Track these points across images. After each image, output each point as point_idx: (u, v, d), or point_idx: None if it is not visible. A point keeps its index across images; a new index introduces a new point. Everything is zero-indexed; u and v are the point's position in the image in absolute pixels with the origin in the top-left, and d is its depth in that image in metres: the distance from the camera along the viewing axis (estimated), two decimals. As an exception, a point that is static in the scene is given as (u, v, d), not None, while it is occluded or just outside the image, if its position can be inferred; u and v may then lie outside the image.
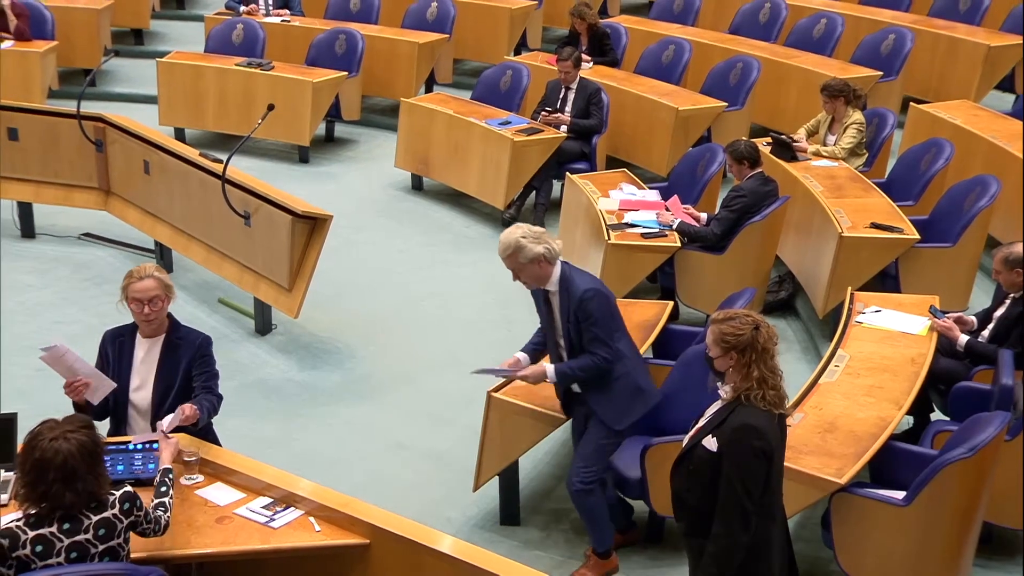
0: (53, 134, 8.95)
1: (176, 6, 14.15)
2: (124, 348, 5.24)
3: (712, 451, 4.18)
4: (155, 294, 5.12)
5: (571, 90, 9.72)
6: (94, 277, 8.67)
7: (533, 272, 5.47)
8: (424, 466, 6.57)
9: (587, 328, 5.44)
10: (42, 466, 3.96)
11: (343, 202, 8.56)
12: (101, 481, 4.09)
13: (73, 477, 3.97)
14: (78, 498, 4.00)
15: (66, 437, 4.00)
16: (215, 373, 5.30)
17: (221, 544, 4.56)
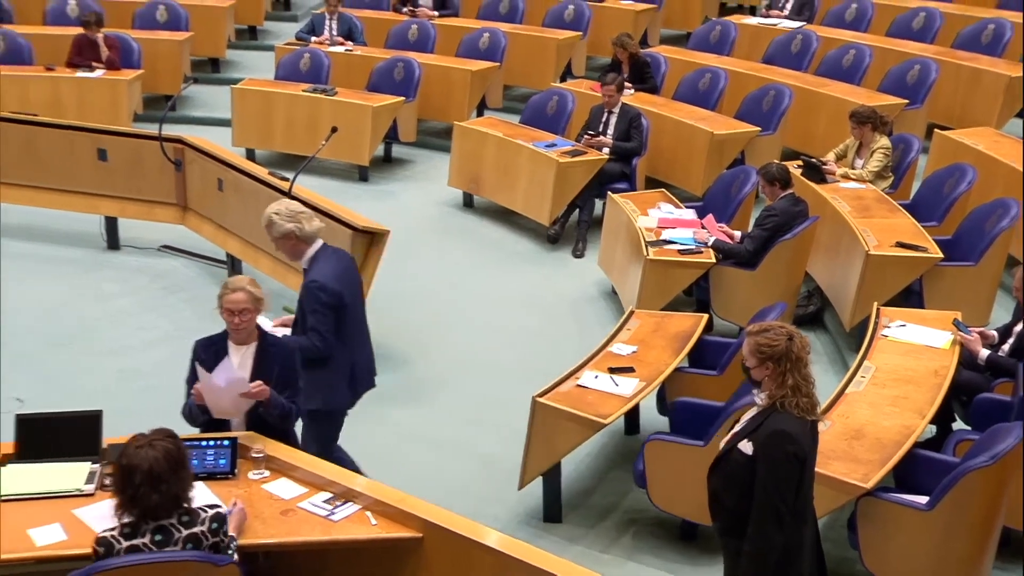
0: (137, 155, 9.05)
1: (250, 37, 14.22)
2: (218, 355, 5.18)
3: (748, 455, 4.13)
4: (245, 306, 5.08)
5: (613, 115, 9.68)
6: (171, 286, 8.74)
7: (285, 247, 5.58)
8: (472, 466, 6.54)
9: (308, 313, 5.52)
10: (130, 471, 4.00)
11: (399, 218, 8.55)
12: (184, 485, 4.12)
13: (158, 480, 4.01)
14: (163, 500, 4.03)
15: (152, 445, 4.06)
16: (299, 388, 5.25)
17: (285, 535, 4.59)
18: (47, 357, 7.57)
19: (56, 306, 8.33)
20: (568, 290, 8.83)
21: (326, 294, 5.49)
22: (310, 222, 5.54)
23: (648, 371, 6.21)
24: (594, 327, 8.01)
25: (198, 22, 12.79)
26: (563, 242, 9.58)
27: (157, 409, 6.38)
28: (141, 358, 7.61)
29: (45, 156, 9.22)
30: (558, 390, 6.01)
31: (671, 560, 5.75)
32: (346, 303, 5.60)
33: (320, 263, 5.56)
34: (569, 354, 6.89)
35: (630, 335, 6.64)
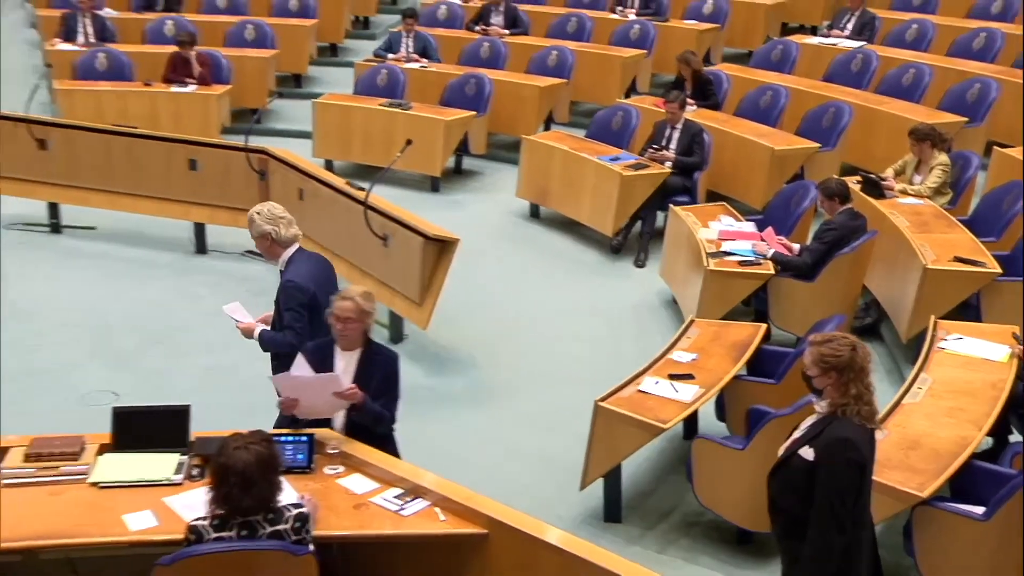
0: (225, 165, 9.21)
1: (331, 54, 14.34)
2: (325, 359, 5.21)
3: (808, 460, 4.10)
4: (349, 315, 5.08)
5: (676, 130, 9.63)
6: (254, 289, 8.75)
7: (262, 247, 5.70)
8: (536, 467, 6.53)
9: (284, 311, 5.57)
10: (225, 471, 4.05)
11: (469, 227, 8.57)
12: (273, 488, 4.15)
13: (250, 483, 4.05)
14: (253, 502, 4.07)
15: (247, 447, 4.09)
16: (396, 396, 5.25)
17: (358, 527, 4.62)
18: (141, 354, 7.71)
19: (149, 306, 8.47)
20: (630, 299, 8.79)
21: (301, 293, 5.55)
22: (288, 228, 5.64)
23: (707, 378, 6.17)
24: (655, 335, 7.97)
25: (283, 40, 12.95)
26: (626, 252, 9.55)
27: (240, 405, 6.54)
28: (226, 357, 7.63)
29: (142, 165, 9.39)
30: (620, 395, 5.99)
31: (728, 563, 5.71)
32: (319, 303, 5.61)
33: (296, 265, 5.65)
34: (630, 360, 6.85)
35: (690, 343, 6.60)
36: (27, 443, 5.01)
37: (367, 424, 5.13)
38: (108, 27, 12.56)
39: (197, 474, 4.85)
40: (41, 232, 9.73)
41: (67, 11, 12.56)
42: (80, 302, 8.45)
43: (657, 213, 9.49)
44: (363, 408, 5.07)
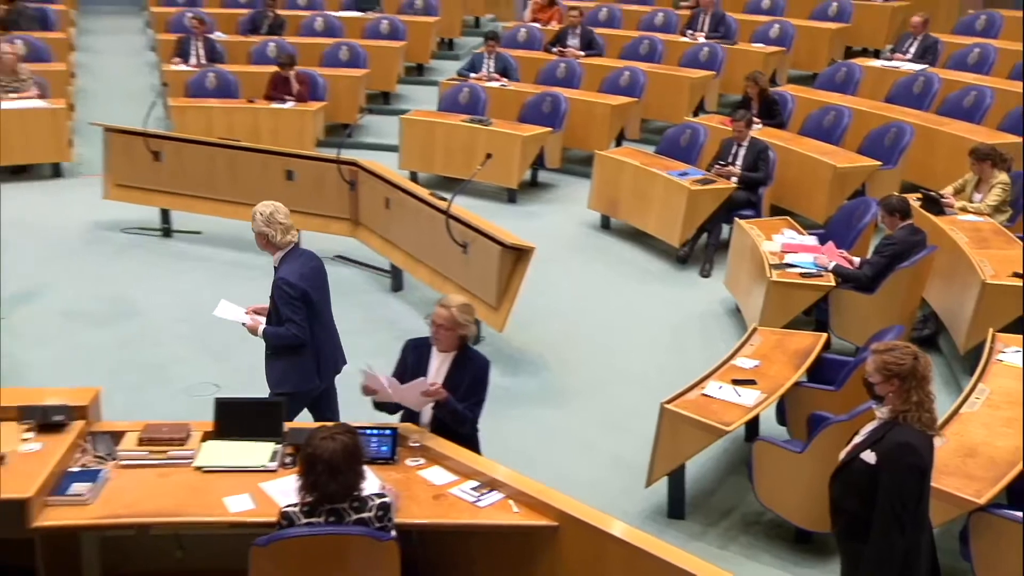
0: (319, 175, 9.30)
1: (417, 74, 14.47)
2: (423, 356, 5.26)
3: (871, 464, 4.06)
4: (442, 323, 5.11)
5: (742, 147, 9.56)
6: (343, 291, 8.71)
7: (259, 242, 5.74)
8: (603, 465, 6.51)
9: (280, 306, 5.60)
10: (313, 460, 4.09)
11: (543, 237, 8.56)
12: (358, 477, 4.18)
13: (336, 471, 4.08)
14: (339, 489, 4.11)
15: (333, 438, 4.13)
16: (481, 400, 5.24)
17: (436, 516, 4.64)
18: (239, 349, 7.72)
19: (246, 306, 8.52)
20: (695, 307, 8.73)
21: (292, 289, 5.59)
22: (284, 234, 5.69)
23: (769, 384, 6.11)
24: (719, 342, 7.91)
25: (374, 61, 13.09)
26: (691, 262, 9.49)
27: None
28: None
29: (243, 176, 9.54)
30: (685, 398, 5.95)
31: (787, 560, 5.65)
32: (311, 299, 5.70)
33: (288, 263, 5.69)
34: (695, 366, 6.81)
35: (753, 350, 6.54)
36: (140, 428, 5.11)
37: (449, 422, 5.14)
38: (218, 49, 12.83)
39: (290, 462, 4.91)
40: (153, 236, 9.92)
41: (182, 35, 12.89)
42: (186, 301, 8.56)
43: (722, 226, 9.43)
44: (446, 406, 5.10)
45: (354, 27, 14.00)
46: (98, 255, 9.41)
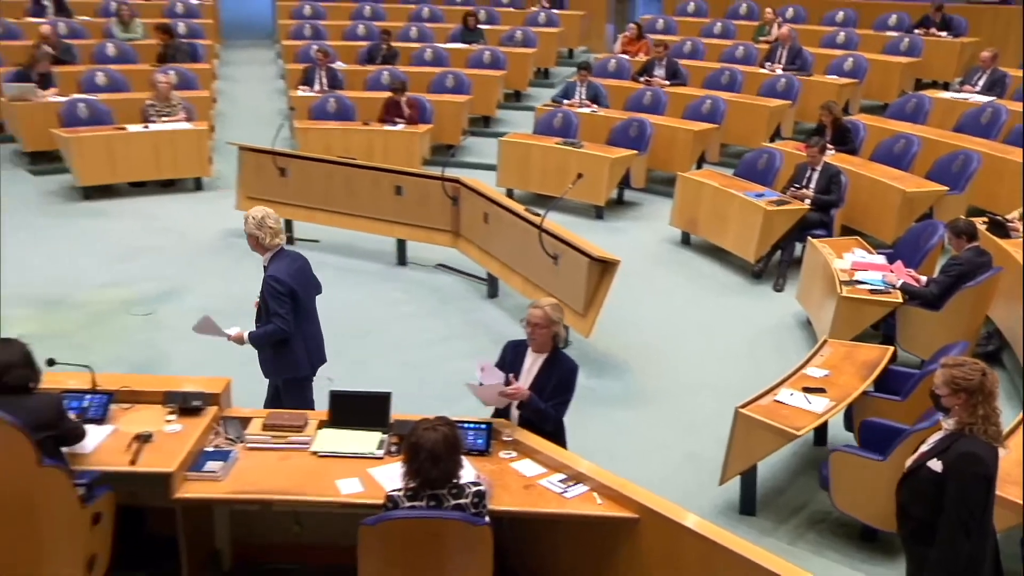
0: (424, 191, 9.36)
1: (515, 100, 14.53)
2: (519, 355, 5.28)
3: (937, 472, 3.97)
4: (538, 322, 5.13)
5: (816, 171, 9.40)
6: (444, 297, 8.98)
7: (249, 242, 5.77)
8: (679, 463, 6.46)
9: (269, 302, 5.66)
10: (417, 449, 4.13)
11: (628, 251, 8.53)
12: (456, 465, 4.20)
13: (437, 459, 4.11)
14: (439, 475, 4.13)
15: (435, 428, 4.15)
16: (566, 401, 5.23)
17: (526, 505, 4.65)
18: (350, 346, 7.84)
19: (358, 307, 8.67)
20: (768, 319, 8.62)
21: (280, 285, 5.65)
22: (272, 238, 5.75)
23: (838, 392, 6.00)
24: (790, 352, 7.77)
25: (477, 88, 13.18)
26: (766, 277, 9.36)
27: (430, 394, 6.69)
28: (419, 353, 7.83)
29: (357, 190, 9.66)
30: (758, 403, 5.88)
31: (853, 557, 5.54)
32: (298, 294, 5.75)
33: (277, 262, 5.76)
34: (768, 374, 6.68)
35: (823, 360, 6.43)
36: (264, 416, 5.24)
37: (532, 420, 5.14)
38: (338, 77, 13.04)
39: (395, 450, 4.95)
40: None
41: (308, 65, 13.13)
42: None
43: (795, 244, 9.27)
44: (529, 405, 5.10)
45: (459, 57, 14.13)
46: (230, 259, 9.58)
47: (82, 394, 5.12)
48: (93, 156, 10.90)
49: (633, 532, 4.58)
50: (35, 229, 10.14)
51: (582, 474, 4.79)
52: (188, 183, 11.50)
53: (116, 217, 10.57)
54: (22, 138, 11.64)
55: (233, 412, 5.30)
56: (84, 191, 10.99)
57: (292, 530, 5.12)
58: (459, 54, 14.22)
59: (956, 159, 9.77)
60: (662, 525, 4.49)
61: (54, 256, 9.50)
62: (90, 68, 12.65)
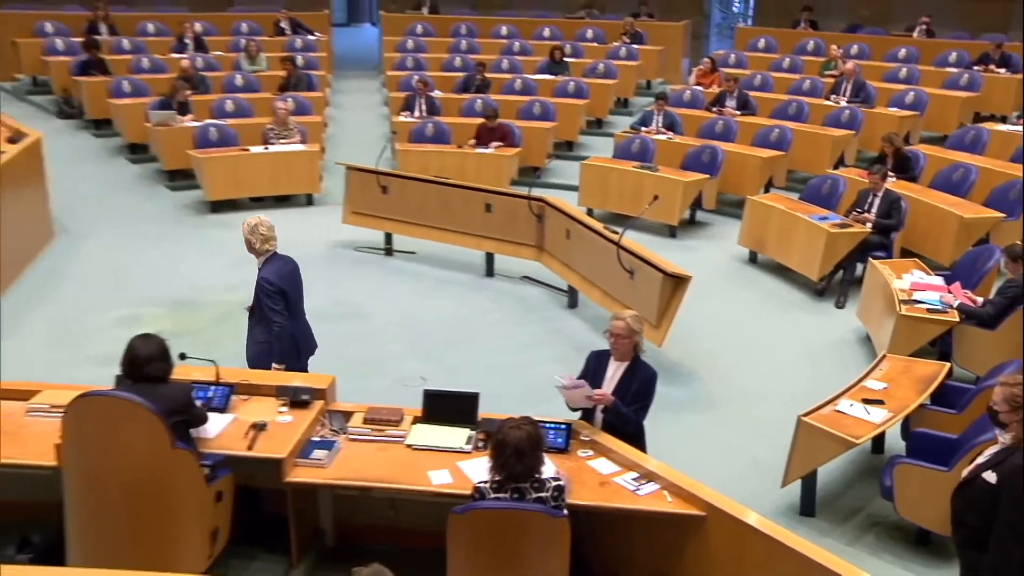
0: (512, 209, 9.38)
1: (596, 126, 14.48)
2: (602, 364, 5.24)
3: (992, 483, 3.87)
4: (621, 332, 5.10)
5: (877, 197, 9.19)
6: (528, 306, 8.98)
7: (246, 246, 5.86)
8: (743, 466, 6.37)
9: (263, 301, 5.76)
10: (503, 445, 4.15)
11: (699, 267, 8.44)
12: (539, 462, 4.19)
13: (522, 455, 4.12)
14: (523, 470, 4.14)
15: (520, 427, 4.17)
16: (646, 406, 5.19)
17: (602, 501, 4.64)
18: (443, 350, 7.94)
19: (450, 315, 8.72)
20: (830, 334, 8.44)
21: (270, 285, 5.71)
22: (263, 243, 5.85)
23: (896, 404, 5.87)
24: (850, 366, 7.61)
25: (561, 115, 13.16)
26: (828, 295, 9.16)
27: (514, 395, 6.69)
28: (505, 358, 7.84)
29: (451, 207, 9.70)
30: (819, 412, 5.77)
31: (907, 560, 5.42)
32: (287, 294, 5.78)
33: (269, 265, 5.82)
34: (828, 385, 6.56)
35: (882, 374, 6.29)
36: (365, 410, 5.29)
37: (614, 423, 5.11)
38: (436, 104, 13.16)
39: (482, 446, 4.97)
40: (378, 254, 10.16)
41: (409, 93, 13.27)
42: (402, 308, 8.78)
43: (857, 264, 9.07)
44: (612, 409, 5.07)
45: (546, 87, 14.14)
46: (336, 268, 9.72)
47: (207, 385, 5.23)
48: (220, 174, 11.17)
49: (700, 529, 4.54)
50: (171, 238, 10.41)
51: (654, 473, 4.76)
52: (300, 199, 11.68)
53: (238, 228, 10.51)
54: (162, 158, 11.99)
55: (337, 406, 5.35)
56: (212, 205, 11.25)
57: (388, 514, 5.16)
58: (546, 84, 14.22)
59: (1013, 188, 9.44)
60: (728, 523, 4.43)
61: (186, 262, 9.73)
62: (221, 96, 12.98)
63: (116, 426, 4.43)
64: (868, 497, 5.94)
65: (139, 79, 13.46)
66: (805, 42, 15.73)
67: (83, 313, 8.42)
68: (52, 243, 10.01)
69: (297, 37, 16.01)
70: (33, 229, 9.80)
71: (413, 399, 5.48)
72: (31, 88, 14.93)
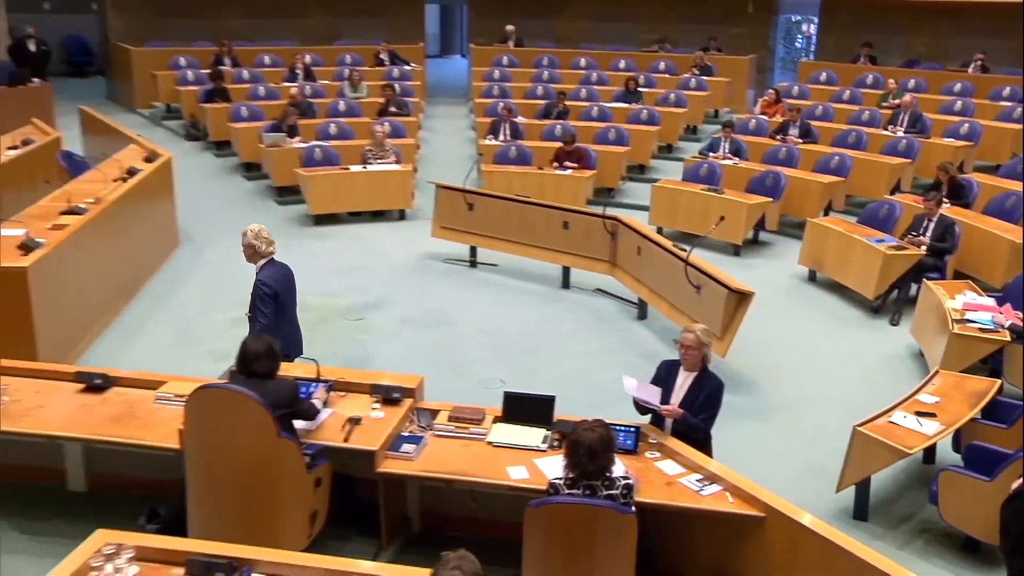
0: (587, 226, 9.28)
1: (667, 152, 14.32)
2: (672, 373, 5.21)
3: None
4: (691, 344, 5.06)
5: (932, 221, 8.92)
6: (600, 317, 8.93)
7: (246, 253, 5.87)
8: (800, 471, 6.23)
9: (257, 301, 5.70)
10: (577, 445, 4.13)
11: (761, 284, 8.29)
12: (609, 462, 4.17)
13: (594, 455, 4.10)
14: (595, 468, 4.12)
15: (593, 429, 4.15)
16: (714, 414, 5.14)
17: (667, 499, 4.62)
18: (520, 357, 7.94)
19: (527, 323, 8.73)
20: (884, 349, 8.22)
21: (266, 288, 5.67)
22: (265, 247, 5.84)
23: (947, 418, 5.71)
24: (903, 380, 7.41)
25: (635, 140, 13.07)
26: (883, 313, 8.91)
27: (586, 399, 6.64)
28: (578, 363, 7.81)
29: (531, 224, 9.69)
30: (874, 423, 5.64)
31: (956, 565, 5.24)
32: (280, 297, 5.73)
33: (266, 269, 5.79)
34: (882, 397, 6.42)
35: (934, 388, 6.11)
36: (450, 409, 5.32)
37: (684, 431, 5.07)
38: (519, 129, 13.17)
39: (557, 445, 4.96)
40: (463, 266, 10.18)
41: (495, 119, 13.29)
42: (484, 317, 8.79)
43: (911, 284, 8.80)
44: (682, 419, 5.03)
45: (620, 115, 14.07)
46: (425, 278, 9.79)
47: (309, 382, 5.31)
48: (323, 190, 11.38)
49: (759, 529, 4.48)
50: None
51: (716, 475, 4.72)
52: (394, 213, 11.80)
53: (338, 240, 10.97)
54: (273, 175, 12.28)
55: (424, 405, 5.38)
56: (315, 218, 11.45)
57: (469, 505, 5.17)
58: (620, 112, 14.14)
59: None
60: (785, 524, 4.37)
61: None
62: (325, 121, 13.24)
63: (229, 416, 4.55)
64: (919, 505, 5.76)
65: (255, 105, 13.83)
66: (864, 76, 15.35)
67: (202, 313, 8.65)
68: (178, 250, 10.33)
69: (395, 67, 16.25)
70: (163, 237, 10.16)
71: (494, 400, 5.51)
72: (165, 114, 15.45)
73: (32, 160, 10.77)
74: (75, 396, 5.51)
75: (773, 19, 17.76)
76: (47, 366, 5.97)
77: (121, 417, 5.26)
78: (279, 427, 4.55)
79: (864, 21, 16.34)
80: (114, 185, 9.12)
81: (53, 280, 7.19)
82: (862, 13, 16.14)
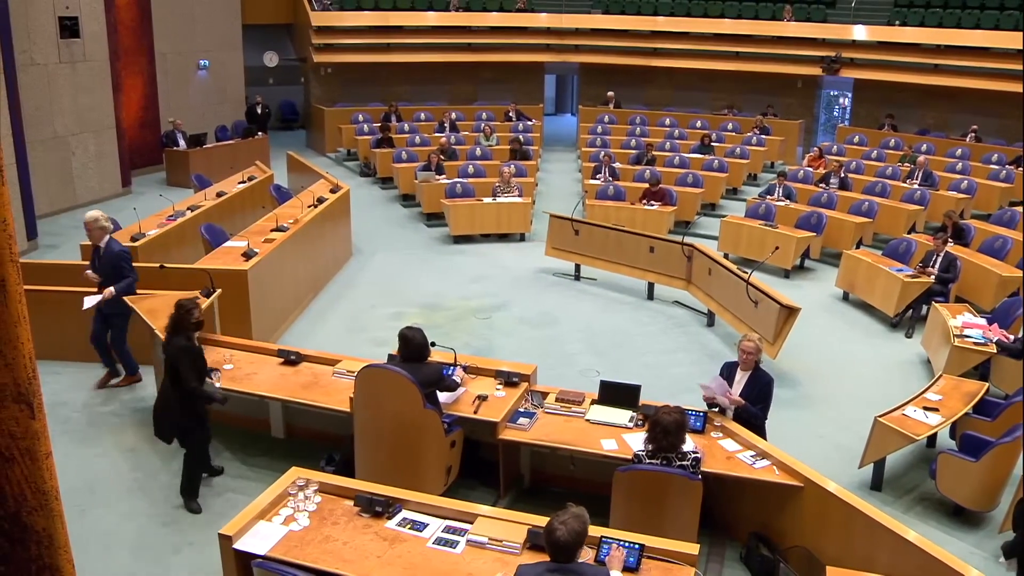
0: (669, 251, 9.20)
1: (732, 194, 14.00)
2: (732, 372, 5.13)
3: None
4: (749, 350, 5.02)
5: (939, 256, 8.63)
6: (677, 324, 8.80)
7: (96, 236, 5.38)
8: (831, 450, 6.16)
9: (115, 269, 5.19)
10: (657, 425, 4.15)
11: (805, 301, 8.15)
12: (681, 439, 4.14)
13: (669, 433, 4.10)
14: (671, 444, 4.11)
15: (670, 413, 4.15)
16: (768, 405, 5.04)
17: (727, 470, 4.57)
18: (611, 351, 7.89)
19: (618, 326, 8.66)
20: (900, 357, 7.98)
21: (127, 252, 5.40)
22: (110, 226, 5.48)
23: (948, 412, 5.65)
24: (913, 381, 7.25)
25: (707, 184, 12.81)
26: (900, 327, 8.65)
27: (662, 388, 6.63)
28: (656, 359, 7.74)
29: (624, 248, 9.56)
30: (891, 415, 5.60)
31: (946, 526, 5.21)
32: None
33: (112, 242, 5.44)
34: (897, 394, 6.40)
35: (938, 389, 6.02)
36: (556, 392, 5.31)
37: (746, 418, 5.06)
38: (615, 172, 13.08)
39: (640, 424, 4.94)
40: (569, 279, 9.97)
41: (597, 163, 13.24)
42: (584, 319, 8.74)
43: (923, 305, 8.53)
44: (743, 409, 5.01)
45: (696, 163, 13.89)
46: (537, 287, 9.65)
47: (450, 365, 5.29)
48: (461, 217, 11.55)
49: (797, 495, 4.49)
50: (425, 260, 10.75)
51: (766, 452, 4.71)
52: (515, 236, 11.79)
53: (471, 255, 11.06)
54: (423, 204, 12.57)
55: (537, 387, 5.35)
56: (454, 238, 11.59)
57: (569, 468, 5.15)
58: (696, 161, 13.97)
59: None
60: (817, 491, 4.37)
61: (434, 277, 9.96)
62: (464, 163, 13.50)
63: (387, 389, 4.59)
64: (921, 480, 5.69)
65: (412, 150, 14.27)
66: (888, 139, 14.95)
67: (367, 309, 8.79)
68: (351, 259, 10.64)
69: (520, 122, 16.47)
70: (341, 249, 10.52)
71: (590, 385, 5.55)
72: (346, 157, 16.15)
73: (254, 191, 11.38)
74: (277, 367, 5.63)
75: (817, 92, 17.43)
76: (258, 343, 6.09)
77: (309, 385, 5.38)
78: (424, 400, 4.55)
79: (887, 97, 16.21)
80: (308, 210, 9.49)
81: (264, 279, 7.48)
82: (886, 91, 16.09)
